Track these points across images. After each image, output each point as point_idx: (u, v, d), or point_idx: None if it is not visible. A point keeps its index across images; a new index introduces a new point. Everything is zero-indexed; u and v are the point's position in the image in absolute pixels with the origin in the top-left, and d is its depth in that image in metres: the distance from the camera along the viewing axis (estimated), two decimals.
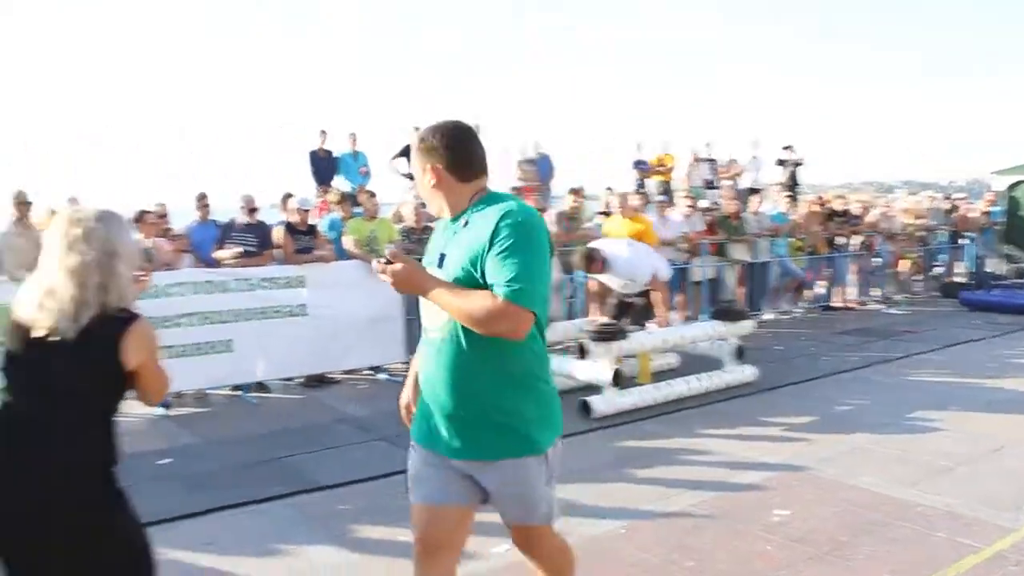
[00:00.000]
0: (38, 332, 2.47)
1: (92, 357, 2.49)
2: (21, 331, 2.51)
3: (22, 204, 7.72)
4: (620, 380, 7.21)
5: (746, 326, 8.45)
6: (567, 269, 9.71)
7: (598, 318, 8.13)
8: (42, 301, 2.49)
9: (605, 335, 7.25)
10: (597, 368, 7.26)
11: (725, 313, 8.55)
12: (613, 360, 7.22)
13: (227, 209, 9.02)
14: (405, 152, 12.89)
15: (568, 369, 7.53)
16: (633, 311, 8.17)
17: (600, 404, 7.09)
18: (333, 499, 5.34)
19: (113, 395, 2.58)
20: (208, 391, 7.97)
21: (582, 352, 7.50)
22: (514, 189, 11.68)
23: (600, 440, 6.52)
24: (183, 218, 9.37)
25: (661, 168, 15.38)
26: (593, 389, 7.28)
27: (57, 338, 2.45)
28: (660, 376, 8.22)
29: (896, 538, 4.54)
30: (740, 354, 8.29)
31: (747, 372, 8.26)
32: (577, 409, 7.01)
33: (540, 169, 13.88)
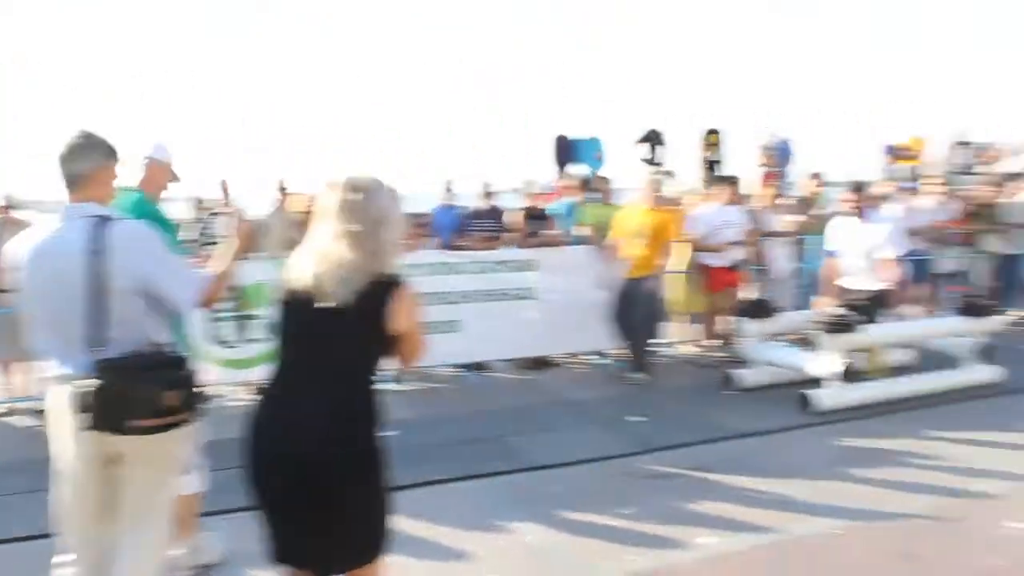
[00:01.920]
0: (313, 296, 2.62)
1: (363, 320, 2.61)
2: (295, 295, 2.67)
3: (283, 190, 8.37)
4: (849, 375, 6.92)
5: (993, 323, 7.82)
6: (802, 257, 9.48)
7: (829, 309, 7.70)
8: (318, 267, 2.62)
9: (837, 327, 6.89)
10: (825, 361, 6.95)
11: (970, 308, 7.87)
12: (843, 354, 6.92)
13: (467, 194, 9.26)
14: (648, 138, 12.88)
15: (793, 361, 7.38)
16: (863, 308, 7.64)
17: (824, 398, 6.85)
18: (546, 480, 5.45)
19: (377, 356, 2.72)
20: (431, 368, 8.27)
21: (807, 344, 7.14)
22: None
23: (820, 437, 6.26)
24: (424, 202, 9.70)
25: (910, 153, 14.57)
26: (813, 383, 7.01)
27: (331, 303, 2.58)
28: (891, 372, 7.73)
29: None
30: (988, 353, 7.71)
31: (988, 372, 7.68)
32: (796, 403, 6.86)
33: (779, 155, 13.47)
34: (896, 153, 14.55)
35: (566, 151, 12.52)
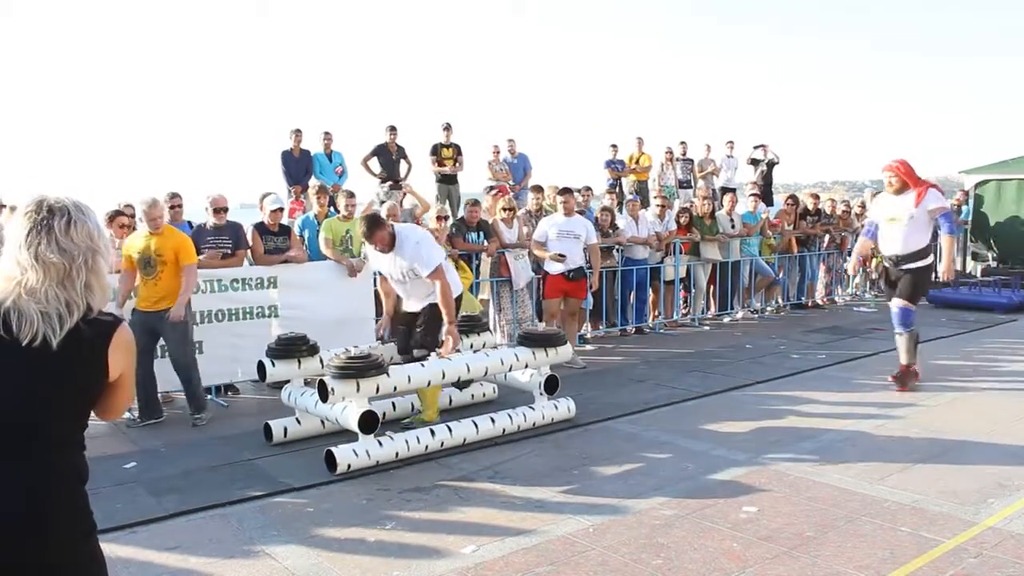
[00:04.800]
0: (13, 337, 2.09)
1: (76, 365, 2.15)
2: None
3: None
4: (372, 425, 5.93)
5: (563, 353, 7.01)
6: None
7: (349, 348, 6.63)
8: (18, 302, 2.11)
9: (350, 371, 5.86)
10: (343, 412, 5.98)
11: (533, 338, 6.95)
12: (362, 401, 5.93)
13: (197, 210, 8.90)
14: (377, 152, 12.82)
15: (316, 411, 6.32)
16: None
17: (348, 455, 5.78)
18: (301, 501, 5.32)
19: (91, 406, 2.26)
20: (175, 393, 7.88)
21: (323, 391, 5.88)
22: (487, 189, 11.71)
23: (563, 439, 6.55)
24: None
25: (636, 168, 15.52)
26: (350, 435, 6.08)
27: (37, 343, 2.09)
28: (466, 411, 7.10)
29: (861, 533, 4.58)
30: (552, 387, 6.93)
31: (562, 408, 6.92)
32: (324, 461, 5.81)
33: (515, 168, 13.92)
34: (616, 167, 15.45)
35: (301, 166, 12.27)
